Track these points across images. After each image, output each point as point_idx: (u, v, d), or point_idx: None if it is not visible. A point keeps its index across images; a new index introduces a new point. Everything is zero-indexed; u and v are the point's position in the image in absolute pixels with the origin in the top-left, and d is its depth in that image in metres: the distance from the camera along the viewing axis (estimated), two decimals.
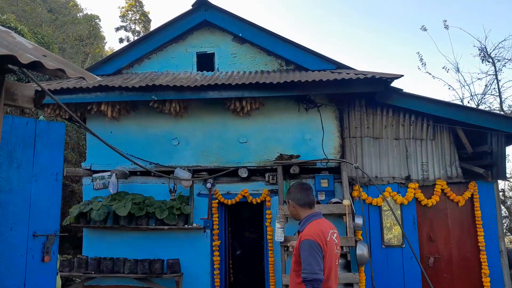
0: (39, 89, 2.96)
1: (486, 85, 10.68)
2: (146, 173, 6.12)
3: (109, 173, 6.00)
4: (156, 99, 5.69)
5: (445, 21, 10.91)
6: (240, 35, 6.41)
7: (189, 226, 5.83)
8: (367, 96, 5.97)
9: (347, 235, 5.17)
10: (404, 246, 5.74)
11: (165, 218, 5.70)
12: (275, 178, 5.83)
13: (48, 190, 3.18)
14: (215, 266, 5.87)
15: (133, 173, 6.19)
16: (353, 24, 48.08)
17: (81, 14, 22.32)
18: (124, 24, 25.00)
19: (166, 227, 5.74)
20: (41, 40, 11.82)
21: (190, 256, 5.88)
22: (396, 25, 44.34)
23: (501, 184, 10.35)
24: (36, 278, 3.01)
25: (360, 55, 44.51)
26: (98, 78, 2.58)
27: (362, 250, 5.21)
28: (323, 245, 2.53)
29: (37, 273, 3.01)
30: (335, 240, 2.69)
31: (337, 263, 2.70)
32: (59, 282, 4.15)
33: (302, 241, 2.55)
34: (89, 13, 22.65)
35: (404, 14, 43.53)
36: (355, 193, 5.75)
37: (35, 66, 2.18)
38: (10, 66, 2.37)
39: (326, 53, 6.33)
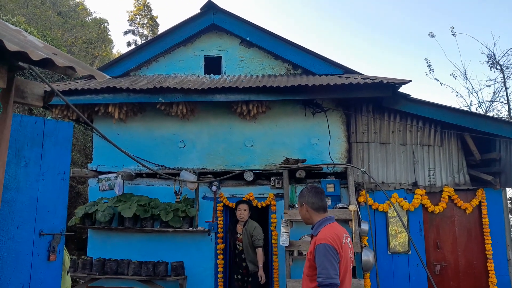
0: (49, 89, 2.98)
1: (494, 92, 10.68)
2: (152, 175, 6.13)
3: (115, 174, 6.01)
4: (163, 101, 5.71)
5: (453, 28, 10.90)
6: (247, 39, 6.43)
7: (194, 229, 5.81)
8: (374, 101, 5.95)
9: (352, 240, 5.13)
10: (410, 252, 5.68)
11: (170, 220, 5.69)
12: (280, 182, 5.81)
13: (55, 189, 3.18)
14: (219, 269, 5.84)
15: (138, 175, 6.20)
16: (360, 31, 48.11)
17: (89, 17, 22.58)
18: (132, 28, 25.22)
19: (171, 229, 5.73)
20: (50, 43, 11.95)
21: (194, 259, 5.86)
22: (404, 33, 44.30)
23: (509, 192, 10.22)
24: (41, 277, 3.00)
25: (368, 62, 44.48)
26: (108, 77, 2.60)
27: (367, 256, 5.16)
28: (338, 249, 2.48)
29: (42, 272, 3.01)
30: (349, 244, 2.65)
31: (351, 267, 2.65)
32: (69, 282, 4.13)
33: (317, 245, 2.50)
34: (97, 17, 22.93)
35: (412, 22, 43.49)
36: (361, 199, 5.71)
37: (46, 63, 2.20)
38: (20, 63, 2.39)
39: (333, 59, 6.31)
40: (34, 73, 2.85)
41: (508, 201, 7.64)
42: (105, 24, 22.43)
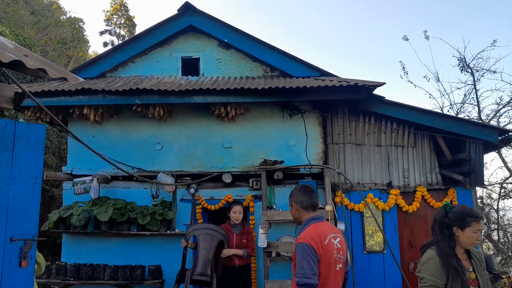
0: (20, 90, 2.91)
1: (465, 95, 10.93)
2: (128, 178, 6.05)
3: (90, 177, 5.90)
4: (139, 103, 5.64)
5: (426, 31, 11.17)
6: (225, 40, 6.43)
7: (172, 232, 5.77)
8: (350, 103, 6.06)
9: None
10: (385, 252, 5.81)
11: (147, 223, 5.63)
12: (259, 183, 5.84)
13: (26, 193, 3.09)
14: None
15: (115, 178, 6.10)
16: (335, 34, 48.79)
17: (64, 16, 22.07)
18: (108, 28, 24.82)
19: (148, 232, 5.67)
20: (23, 42, 11.62)
21: (172, 262, 5.79)
22: (378, 37, 45.19)
23: (479, 191, 10.57)
24: (12, 284, 2.92)
25: (342, 64, 45.13)
26: (81, 79, 2.56)
27: None
28: (318, 248, 2.45)
29: (14, 279, 2.93)
30: (338, 244, 2.59)
31: (338, 268, 2.58)
32: None
33: (296, 245, 2.50)
34: (72, 16, 22.42)
35: (386, 26, 44.40)
36: (337, 199, 5.80)
37: (16, 65, 2.15)
38: None
39: (310, 61, 6.39)
40: (5, 74, 2.78)
41: (478, 200, 7.90)
42: (81, 23, 21.97)
